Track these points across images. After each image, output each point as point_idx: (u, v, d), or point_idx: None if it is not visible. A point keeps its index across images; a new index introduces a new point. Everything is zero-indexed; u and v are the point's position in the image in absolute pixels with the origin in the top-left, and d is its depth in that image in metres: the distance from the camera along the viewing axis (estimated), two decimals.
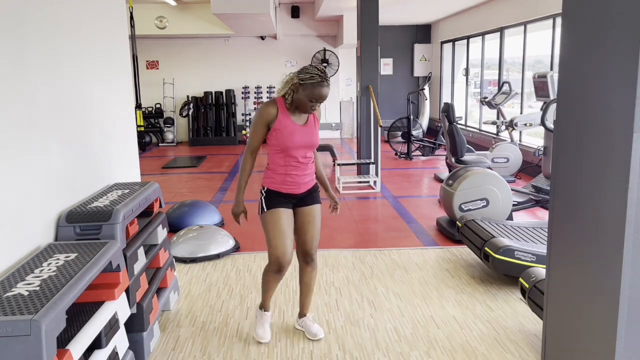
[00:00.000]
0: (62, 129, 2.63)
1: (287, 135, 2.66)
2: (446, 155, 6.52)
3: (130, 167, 3.62)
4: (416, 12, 10.78)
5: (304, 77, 2.56)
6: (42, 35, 2.47)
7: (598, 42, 1.82)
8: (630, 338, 1.75)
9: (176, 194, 6.88)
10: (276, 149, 2.72)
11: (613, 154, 1.73)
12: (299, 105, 2.63)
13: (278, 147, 2.70)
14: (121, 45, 3.57)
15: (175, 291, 3.50)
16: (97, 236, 2.49)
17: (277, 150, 2.72)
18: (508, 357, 2.79)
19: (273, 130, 2.67)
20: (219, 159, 10.01)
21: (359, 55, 7.40)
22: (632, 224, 1.68)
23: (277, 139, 2.68)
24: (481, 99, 8.94)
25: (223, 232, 4.58)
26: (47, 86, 2.49)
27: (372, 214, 5.86)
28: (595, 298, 1.87)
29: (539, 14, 7.64)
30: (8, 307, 1.72)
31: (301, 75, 2.58)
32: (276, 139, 2.68)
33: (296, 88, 2.59)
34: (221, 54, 12.34)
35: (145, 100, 11.63)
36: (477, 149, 8.66)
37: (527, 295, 2.95)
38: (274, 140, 2.70)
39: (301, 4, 11.50)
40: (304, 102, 2.60)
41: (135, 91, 9.12)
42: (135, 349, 2.65)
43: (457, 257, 4.33)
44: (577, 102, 1.96)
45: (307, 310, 3.08)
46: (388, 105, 12.38)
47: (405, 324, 3.17)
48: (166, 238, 3.33)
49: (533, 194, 5.74)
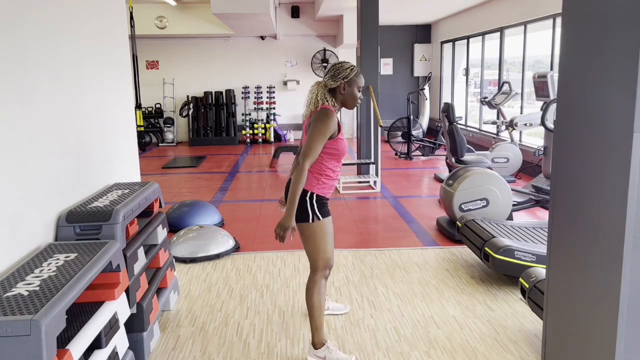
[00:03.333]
0: (62, 129, 2.63)
1: (344, 141, 2.70)
2: (446, 155, 6.52)
3: (130, 167, 3.62)
4: (416, 12, 10.78)
5: (347, 75, 2.62)
6: (42, 35, 2.47)
7: (598, 42, 1.82)
8: (630, 338, 1.75)
9: (176, 194, 6.88)
10: (335, 157, 2.66)
11: (613, 154, 1.73)
12: (350, 100, 2.67)
13: (337, 155, 2.67)
14: (121, 45, 3.57)
15: (175, 291, 3.50)
16: (97, 236, 2.49)
17: (335, 157, 2.66)
18: (508, 357, 2.79)
19: (337, 139, 2.65)
20: (218, 159, 10.01)
21: (359, 55, 7.40)
22: (632, 224, 1.68)
23: (338, 147, 2.65)
24: (481, 99, 8.94)
25: (223, 232, 4.58)
26: (47, 86, 2.49)
27: (372, 214, 5.86)
28: (596, 298, 1.86)
29: (539, 14, 7.64)
30: (8, 307, 1.72)
31: (342, 74, 2.63)
32: (337, 147, 2.65)
33: (344, 87, 2.64)
34: (221, 54, 12.34)
35: (145, 100, 11.63)
36: (477, 149, 8.67)
37: (527, 295, 2.95)
38: (334, 149, 2.64)
39: (301, 4, 11.50)
40: (355, 95, 2.67)
41: (135, 91, 9.13)
42: (135, 349, 2.65)
43: (457, 257, 4.33)
44: (577, 102, 1.96)
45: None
46: (388, 105, 12.39)
47: (405, 324, 3.17)
48: (166, 238, 3.33)
49: (533, 194, 5.73)
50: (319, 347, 2.73)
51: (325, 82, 2.66)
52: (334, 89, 2.65)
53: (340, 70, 2.63)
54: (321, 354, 2.72)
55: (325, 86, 2.66)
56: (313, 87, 2.69)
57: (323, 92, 2.65)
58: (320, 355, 2.72)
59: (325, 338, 2.76)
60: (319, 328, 2.73)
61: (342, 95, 2.65)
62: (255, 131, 12.06)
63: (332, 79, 2.64)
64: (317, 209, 2.62)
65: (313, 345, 2.74)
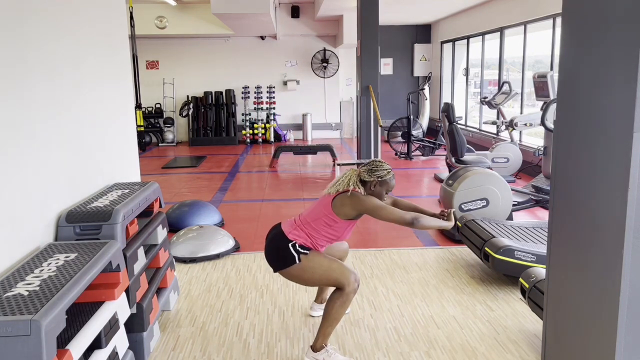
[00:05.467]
0: (62, 129, 2.63)
1: (350, 232, 2.82)
2: (446, 155, 6.52)
3: (130, 167, 3.62)
4: (416, 12, 10.78)
5: (382, 175, 2.74)
6: (42, 35, 2.47)
7: (598, 42, 1.82)
8: (630, 338, 1.75)
9: (176, 194, 6.88)
10: (331, 237, 2.76)
11: (613, 154, 1.73)
12: (377, 197, 2.78)
13: (335, 238, 2.77)
14: (121, 45, 3.57)
15: (175, 291, 3.50)
16: (97, 236, 2.49)
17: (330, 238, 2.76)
18: (508, 357, 2.79)
19: (351, 222, 2.76)
20: (218, 159, 10.01)
21: (359, 55, 7.41)
22: (632, 224, 1.68)
23: (343, 230, 2.75)
24: (481, 99, 8.94)
25: (223, 232, 4.58)
26: (47, 86, 2.49)
27: None
28: (596, 298, 1.86)
29: (539, 14, 7.64)
30: (8, 307, 1.72)
31: (378, 172, 2.74)
32: (342, 229, 2.75)
33: (375, 185, 2.75)
34: (221, 54, 12.34)
35: (145, 100, 11.63)
36: (477, 149, 8.66)
37: (527, 295, 2.95)
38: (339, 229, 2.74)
39: (301, 4, 11.50)
40: (382, 195, 2.80)
41: (135, 91, 9.13)
42: (135, 349, 2.65)
43: (457, 257, 4.33)
44: (577, 102, 1.96)
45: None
46: (388, 105, 12.38)
47: (405, 324, 3.17)
48: (166, 238, 3.33)
49: (533, 194, 5.73)
50: (318, 350, 2.73)
51: (360, 172, 2.78)
52: (366, 182, 2.76)
53: (379, 169, 2.76)
54: (320, 357, 2.71)
55: (359, 175, 2.77)
56: (348, 172, 2.83)
57: (355, 179, 2.77)
58: (319, 358, 2.71)
59: (327, 342, 2.76)
60: (327, 336, 2.74)
61: (371, 191, 2.76)
62: (255, 131, 12.06)
63: (368, 173, 2.75)
64: (301, 250, 2.70)
65: (313, 347, 2.74)
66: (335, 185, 2.78)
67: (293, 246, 2.69)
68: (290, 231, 2.73)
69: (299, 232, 2.72)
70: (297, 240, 2.70)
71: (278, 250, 2.72)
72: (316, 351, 2.72)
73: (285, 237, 2.71)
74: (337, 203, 2.70)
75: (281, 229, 2.76)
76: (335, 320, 2.70)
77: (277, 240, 2.74)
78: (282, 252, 2.70)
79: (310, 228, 2.72)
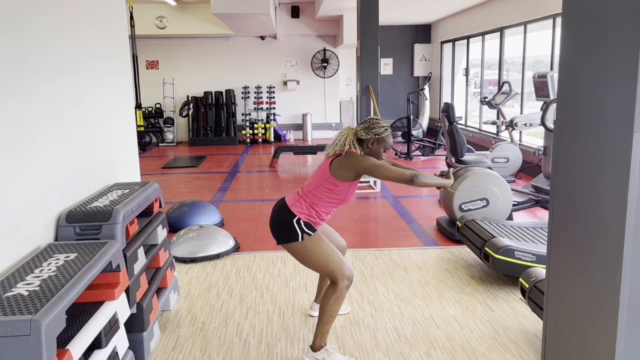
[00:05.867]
0: (62, 129, 2.63)
1: (353, 193, 2.77)
2: (446, 155, 6.51)
3: (130, 167, 3.62)
4: (416, 12, 10.78)
5: (379, 132, 2.68)
6: (42, 35, 2.47)
7: (598, 42, 1.82)
8: (630, 338, 1.75)
9: (176, 194, 6.88)
10: (335, 202, 2.73)
11: (613, 154, 1.73)
12: (374, 156, 2.74)
13: (339, 201, 2.74)
14: (121, 45, 3.57)
15: (175, 291, 3.50)
16: (97, 236, 2.49)
17: (334, 202, 2.73)
18: (508, 357, 2.79)
19: (353, 182, 2.71)
20: (218, 159, 10.01)
21: (359, 55, 7.40)
22: (632, 224, 1.68)
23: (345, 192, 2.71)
24: (481, 99, 8.94)
25: (223, 232, 4.58)
26: (47, 86, 2.49)
27: (372, 214, 5.86)
28: (596, 298, 1.86)
29: (539, 14, 7.64)
30: (8, 307, 1.72)
31: (375, 130, 2.69)
32: (345, 191, 2.71)
33: (372, 143, 2.70)
34: (221, 54, 12.34)
35: (145, 100, 11.63)
36: (477, 149, 8.66)
37: (527, 295, 2.95)
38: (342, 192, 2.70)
39: (301, 4, 11.50)
40: (380, 153, 2.74)
41: (135, 91, 9.12)
42: (135, 349, 2.65)
43: (457, 257, 4.33)
44: (577, 102, 1.96)
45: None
46: (388, 105, 12.39)
47: (405, 324, 3.17)
48: (166, 238, 3.33)
49: (533, 194, 5.73)
50: (318, 350, 2.72)
51: (357, 130, 2.74)
52: (363, 140, 2.71)
53: (375, 126, 2.71)
54: (319, 357, 2.71)
55: (355, 134, 2.73)
56: (344, 130, 2.77)
57: (352, 139, 2.72)
58: (319, 357, 2.71)
59: (326, 341, 2.76)
60: (325, 334, 2.73)
61: (369, 149, 2.72)
62: (255, 131, 12.06)
63: (365, 130, 2.71)
64: (306, 228, 2.67)
65: (312, 347, 2.74)
66: (333, 146, 2.74)
67: (297, 222, 2.66)
68: (293, 203, 2.70)
69: (301, 204, 2.69)
70: (301, 216, 2.67)
71: (281, 222, 2.71)
72: (316, 351, 2.72)
73: (289, 210, 2.69)
74: (335, 166, 2.66)
75: (285, 201, 2.76)
76: (331, 318, 2.69)
77: (281, 212, 2.72)
78: (285, 225, 2.68)
79: (313, 196, 2.69)
